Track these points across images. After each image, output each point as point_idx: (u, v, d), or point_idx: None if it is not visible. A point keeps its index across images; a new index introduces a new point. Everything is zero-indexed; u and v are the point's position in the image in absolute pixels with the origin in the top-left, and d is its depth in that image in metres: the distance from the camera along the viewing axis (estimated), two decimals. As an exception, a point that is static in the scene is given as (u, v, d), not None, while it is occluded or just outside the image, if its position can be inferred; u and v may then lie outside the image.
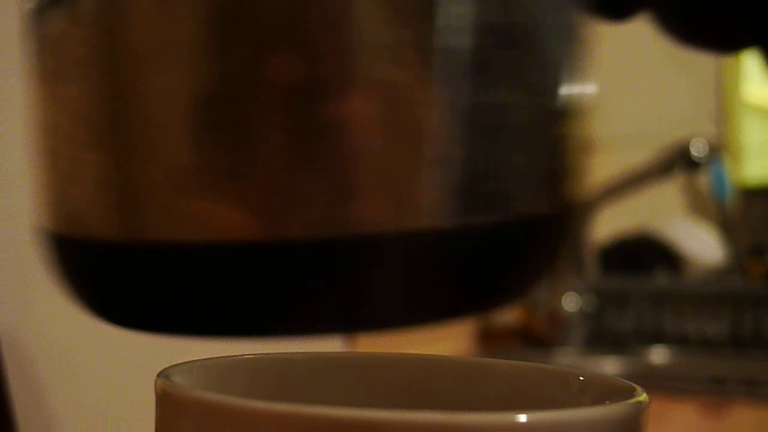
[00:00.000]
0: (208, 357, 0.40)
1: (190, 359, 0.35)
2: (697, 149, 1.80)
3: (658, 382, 1.93)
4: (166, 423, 0.31)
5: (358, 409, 0.27)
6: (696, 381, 1.93)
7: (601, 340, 2.26)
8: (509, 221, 0.33)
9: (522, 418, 0.27)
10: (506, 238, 0.33)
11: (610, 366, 2.06)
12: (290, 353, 0.38)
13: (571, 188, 0.39)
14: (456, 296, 0.31)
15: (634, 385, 0.34)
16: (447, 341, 1.76)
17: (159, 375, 0.32)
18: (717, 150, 1.88)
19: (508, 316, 2.11)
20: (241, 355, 0.38)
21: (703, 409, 1.26)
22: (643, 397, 0.31)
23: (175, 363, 0.34)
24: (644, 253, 2.39)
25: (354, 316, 0.29)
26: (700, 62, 2.38)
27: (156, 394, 0.31)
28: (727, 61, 2.39)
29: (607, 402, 0.32)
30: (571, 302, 2.20)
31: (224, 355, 0.37)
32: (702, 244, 2.02)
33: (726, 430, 1.31)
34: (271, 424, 0.27)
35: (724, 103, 2.44)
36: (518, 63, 0.34)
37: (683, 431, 1.24)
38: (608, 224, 2.12)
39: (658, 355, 2.18)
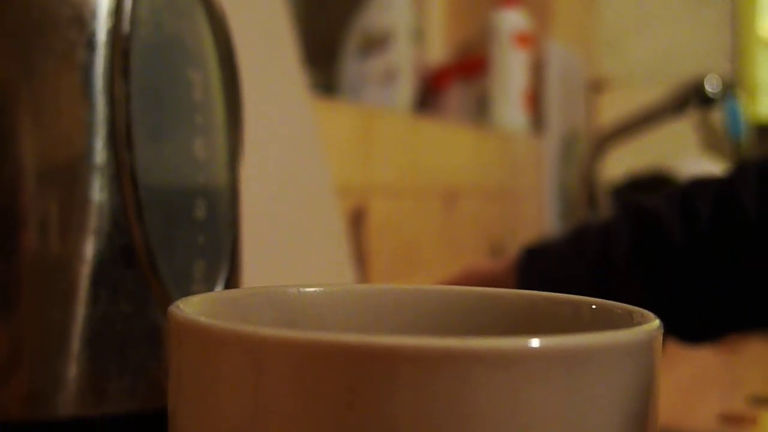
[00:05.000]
0: (219, 291, 0.40)
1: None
2: (711, 85, 1.79)
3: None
4: (181, 352, 0.31)
5: (372, 335, 0.27)
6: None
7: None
8: None
9: (534, 343, 0.27)
10: None
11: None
12: (301, 285, 0.38)
13: None
14: None
15: (647, 311, 0.34)
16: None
17: (172, 306, 0.32)
18: (731, 86, 1.86)
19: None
20: (251, 288, 0.38)
21: (716, 345, 1.26)
22: (656, 323, 0.31)
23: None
24: (657, 191, 2.37)
25: None
26: (715, -2, 2.36)
27: (169, 323, 0.31)
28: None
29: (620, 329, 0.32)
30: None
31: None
32: (716, 182, 2.01)
33: (739, 365, 1.32)
34: (283, 351, 0.27)
35: (739, 39, 2.42)
36: None
37: (696, 366, 1.24)
38: (621, 162, 2.11)
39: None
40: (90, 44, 0.46)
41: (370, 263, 1.29)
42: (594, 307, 0.37)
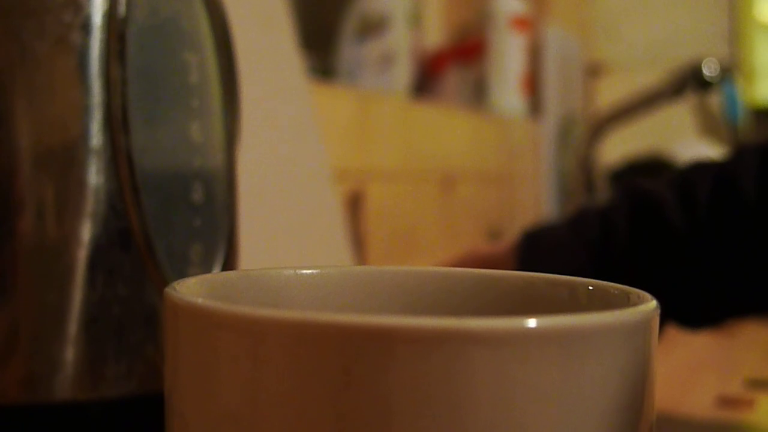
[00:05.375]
0: (216, 272, 0.40)
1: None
2: (709, 69, 1.79)
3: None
4: (177, 334, 0.31)
5: (367, 316, 0.27)
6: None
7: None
8: None
9: (531, 323, 0.27)
10: None
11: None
12: (298, 267, 0.38)
13: None
14: None
15: (644, 292, 0.34)
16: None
17: (168, 287, 0.32)
18: (729, 70, 1.86)
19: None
20: (247, 270, 0.38)
21: (714, 329, 1.27)
22: (653, 303, 0.31)
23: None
24: (655, 175, 2.37)
25: None
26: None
27: (165, 305, 0.31)
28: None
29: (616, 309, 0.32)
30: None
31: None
32: (713, 165, 2.01)
33: (737, 349, 1.32)
34: (279, 332, 0.27)
35: (737, 23, 2.42)
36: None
37: (694, 350, 1.24)
38: (619, 146, 2.11)
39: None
40: (85, 27, 0.45)
41: (367, 247, 1.29)
42: (591, 288, 0.37)
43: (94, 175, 0.45)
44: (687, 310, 0.73)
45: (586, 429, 0.28)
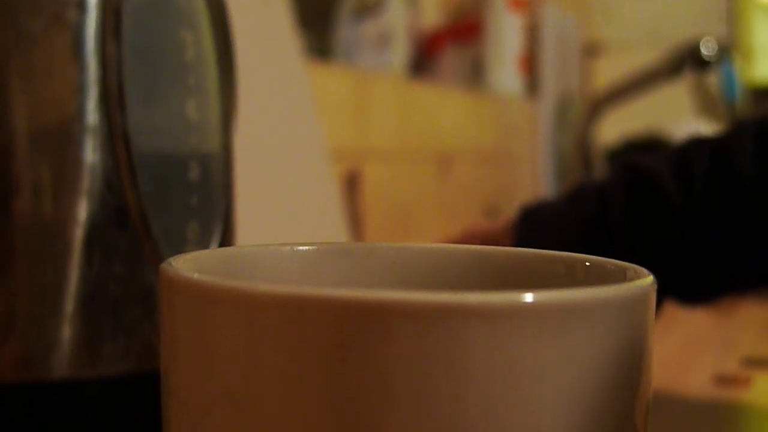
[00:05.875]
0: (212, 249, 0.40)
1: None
2: (707, 49, 1.78)
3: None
4: (173, 310, 0.31)
5: (364, 290, 0.27)
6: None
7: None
8: None
9: (528, 297, 0.27)
10: None
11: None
12: (295, 244, 0.38)
13: None
14: None
15: (641, 268, 0.34)
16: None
17: (163, 263, 0.32)
18: (727, 49, 1.86)
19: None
20: (244, 246, 0.38)
21: (712, 306, 1.27)
22: (650, 278, 0.31)
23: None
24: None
25: None
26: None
27: (161, 281, 0.31)
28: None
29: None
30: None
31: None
32: (711, 145, 2.00)
33: (735, 328, 1.32)
34: (275, 307, 0.27)
35: (735, 2, 2.41)
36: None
37: (693, 329, 1.25)
38: (617, 126, 2.11)
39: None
40: (81, 5, 0.45)
41: (364, 227, 1.28)
42: (587, 264, 0.37)
43: (91, 154, 0.45)
44: (684, 285, 0.73)
45: (582, 404, 0.28)
